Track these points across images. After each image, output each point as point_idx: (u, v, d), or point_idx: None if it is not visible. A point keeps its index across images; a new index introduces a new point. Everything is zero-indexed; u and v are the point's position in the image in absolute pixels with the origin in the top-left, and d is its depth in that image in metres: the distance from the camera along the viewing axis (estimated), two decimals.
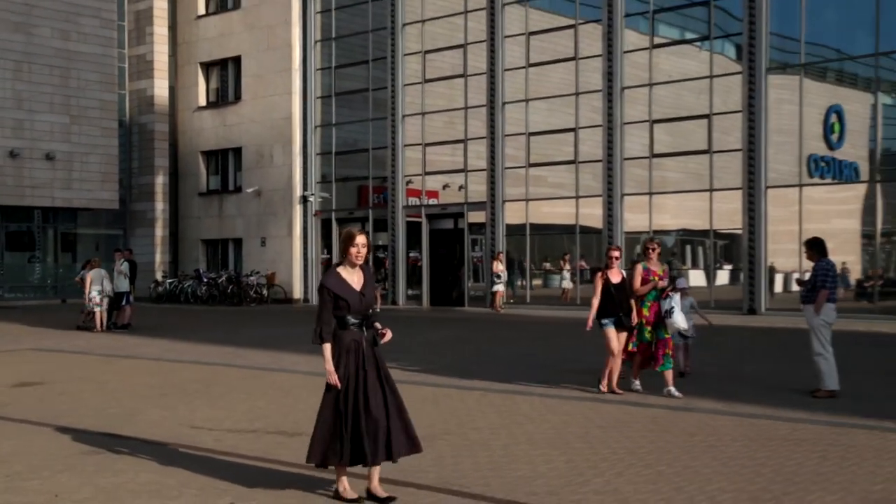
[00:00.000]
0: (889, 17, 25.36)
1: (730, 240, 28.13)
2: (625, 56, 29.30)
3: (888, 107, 26.24)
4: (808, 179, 26.82)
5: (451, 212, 33.20)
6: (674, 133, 28.91)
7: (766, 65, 26.93)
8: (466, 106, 32.61)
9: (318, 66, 36.73)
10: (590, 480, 7.90)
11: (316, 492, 7.58)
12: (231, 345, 20.34)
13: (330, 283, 7.05)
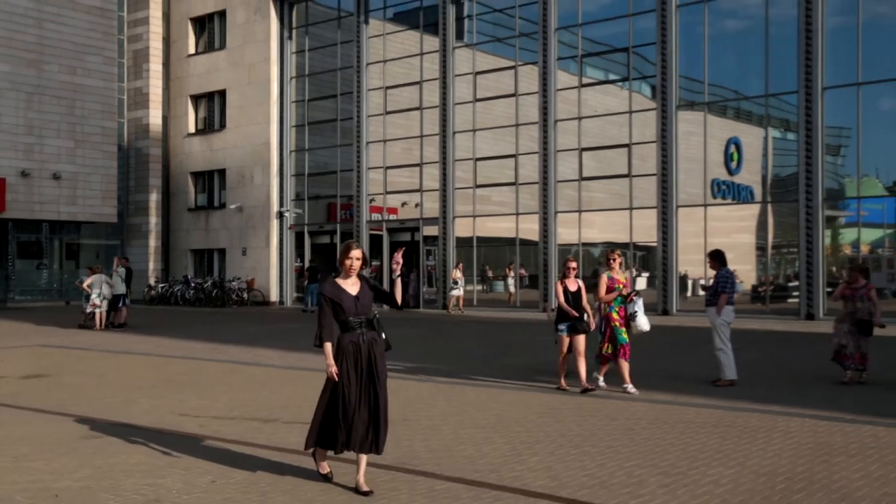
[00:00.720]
0: (776, 65, 25.83)
1: (647, 251, 28.32)
2: (557, 93, 29.54)
3: (777, 139, 26.63)
4: (712, 200, 27.15)
5: (409, 226, 33.33)
6: (599, 159, 29.13)
7: (676, 103, 27.27)
8: (422, 134, 32.75)
9: (293, 99, 36.73)
10: (526, 460, 8.13)
11: (285, 473, 7.71)
12: (215, 342, 20.37)
13: (327, 291, 7.03)
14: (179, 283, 37.71)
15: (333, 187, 35.57)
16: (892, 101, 24.98)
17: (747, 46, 27.18)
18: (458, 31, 32.48)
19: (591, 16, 29.68)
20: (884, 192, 25.53)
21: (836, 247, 25.93)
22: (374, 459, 8.22)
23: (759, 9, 26.41)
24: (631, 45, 28.66)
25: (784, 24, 25.83)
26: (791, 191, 25.79)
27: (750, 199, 27.30)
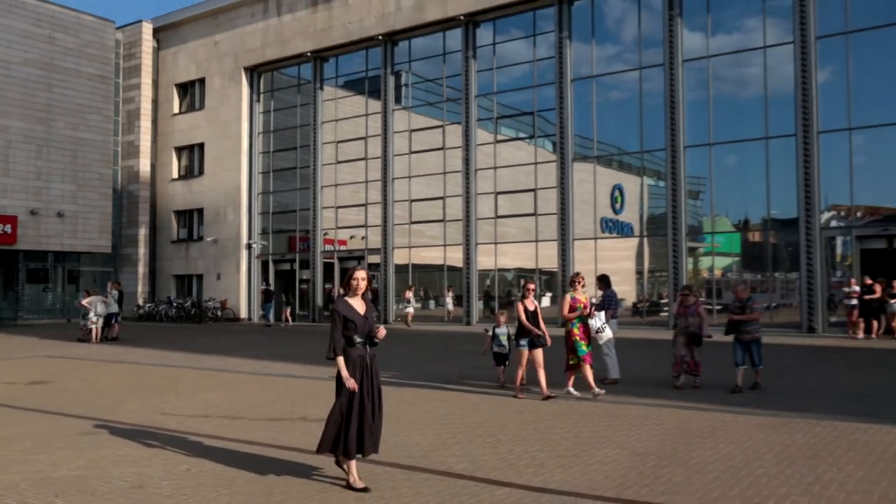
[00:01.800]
0: (649, 128, 26.32)
1: (550, 275, 28.47)
2: (477, 147, 29.82)
3: (651, 186, 27.05)
4: (601, 234, 27.44)
5: (356, 255, 33.18)
6: (511, 201, 29.33)
7: (572, 156, 27.67)
8: (367, 180, 32.74)
9: (260, 151, 36.54)
10: (450, 447, 8.24)
11: (250, 463, 7.71)
12: (192, 352, 20.11)
13: (340, 308, 6.69)
14: (164, 303, 37.13)
15: (293, 223, 35.34)
16: (735, 158, 25.59)
17: (626, 113, 27.54)
18: (397, 97, 32.68)
19: (504, 86, 30.04)
20: (731, 229, 26.03)
21: (696, 271, 26.42)
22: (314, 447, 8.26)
23: (635, 84, 26.98)
24: (536, 109, 29.09)
25: (654, 96, 26.33)
26: (661, 227, 26.21)
27: (631, 234, 27.68)
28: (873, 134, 23.27)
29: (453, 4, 29.90)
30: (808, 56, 23.63)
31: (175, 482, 6.98)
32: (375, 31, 31.94)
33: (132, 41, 39.86)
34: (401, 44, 32.33)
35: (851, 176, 23.43)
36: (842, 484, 6.66)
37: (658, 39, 26.26)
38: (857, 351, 18.20)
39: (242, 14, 36.54)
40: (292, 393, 12.54)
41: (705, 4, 25.74)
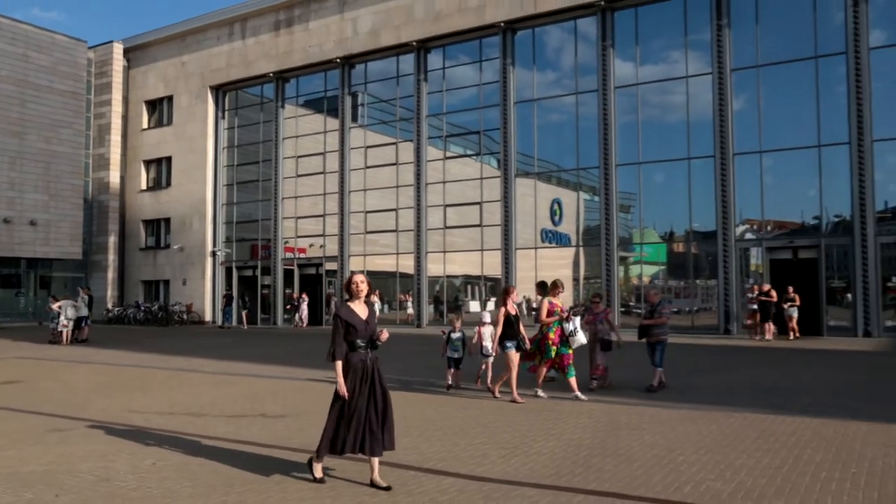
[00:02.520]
0: (584, 147, 26.65)
1: (494, 282, 28.57)
2: (428, 163, 29.88)
3: (587, 200, 27.29)
4: (541, 244, 27.71)
5: (314, 262, 33.01)
6: (458, 213, 29.42)
7: (515, 172, 27.91)
8: (325, 192, 32.57)
9: (224, 164, 36.15)
10: (401, 440, 8.15)
11: (213, 457, 7.66)
12: (159, 353, 19.76)
13: (342, 314, 6.40)
14: (132, 307, 36.50)
15: (255, 232, 35.01)
16: (661, 176, 26.00)
17: (564, 133, 27.82)
18: (354, 115, 32.65)
19: (452, 107, 30.14)
20: (658, 240, 26.40)
21: (627, 278, 26.72)
22: (285, 443, 8.22)
23: (572, 107, 27.29)
24: (482, 129, 29.26)
25: (589, 119, 26.67)
26: (595, 237, 26.53)
27: (568, 244, 27.88)
28: (781, 156, 23.89)
29: (406, 31, 29.98)
30: (724, 86, 24.22)
31: (140, 476, 6.87)
32: (334, 55, 31.88)
33: (104, 60, 39.23)
34: (357, 66, 32.29)
35: (762, 193, 24.04)
36: (751, 469, 6.84)
37: (593, 68, 26.63)
38: (765, 351, 18.59)
39: (209, 37, 36.18)
40: (253, 391, 12.42)
41: (634, 37, 26.20)
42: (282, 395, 11.82)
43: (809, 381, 12.92)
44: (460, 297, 29.85)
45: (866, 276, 22.19)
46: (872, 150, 22.33)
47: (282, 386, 12.97)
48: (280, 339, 25.50)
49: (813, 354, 17.43)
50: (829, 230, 23.28)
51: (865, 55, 22.50)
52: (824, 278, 22.92)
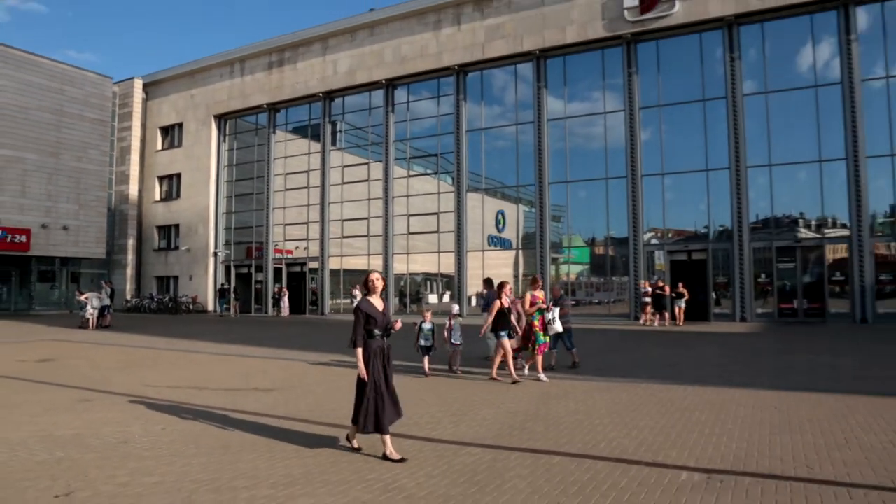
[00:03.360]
0: (523, 168, 26.71)
1: (449, 278, 28.57)
2: (394, 180, 29.80)
3: (525, 212, 27.34)
4: (488, 247, 27.71)
5: (299, 262, 32.67)
6: (421, 221, 29.31)
7: (466, 188, 27.95)
8: (308, 204, 32.21)
9: (224, 179, 35.52)
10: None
11: (212, 422, 7.57)
12: (169, 337, 19.45)
13: (363, 306, 6.15)
14: (147, 298, 35.67)
15: (250, 236, 34.47)
16: (585, 192, 26.13)
17: (506, 156, 27.81)
18: (333, 140, 32.34)
19: (415, 134, 30.08)
20: (583, 244, 26.56)
21: (557, 275, 26.91)
22: (270, 411, 8.14)
23: (513, 136, 27.41)
24: (439, 152, 29.24)
25: (527, 145, 26.78)
26: (532, 242, 26.67)
27: (510, 247, 27.94)
28: (678, 178, 24.33)
29: (378, 72, 29.87)
30: (634, 120, 24.62)
31: (152, 439, 6.78)
32: (317, 90, 31.61)
33: (126, 93, 38.39)
34: (337, 100, 32.06)
35: (664, 207, 24.47)
36: (651, 428, 6.98)
37: (530, 104, 26.81)
38: (663, 334, 18.92)
39: (213, 74, 35.62)
40: (246, 369, 12.27)
41: (563, 80, 26.45)
42: (271, 373, 11.70)
43: (698, 357, 13.20)
44: (421, 291, 29.79)
45: (742, 273, 22.75)
46: (747, 174, 22.91)
47: (271, 365, 12.84)
48: (269, 326, 25.20)
49: (702, 336, 17.81)
50: (715, 237, 23.78)
51: (740, 100, 23.09)
52: (711, 275, 23.42)
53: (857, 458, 5.84)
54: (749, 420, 7.33)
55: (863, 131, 21.36)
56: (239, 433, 6.99)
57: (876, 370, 10.95)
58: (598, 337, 17.68)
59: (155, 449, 6.41)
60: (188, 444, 6.58)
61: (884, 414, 7.46)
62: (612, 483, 5.24)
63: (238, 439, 6.74)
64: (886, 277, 21.39)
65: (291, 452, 6.26)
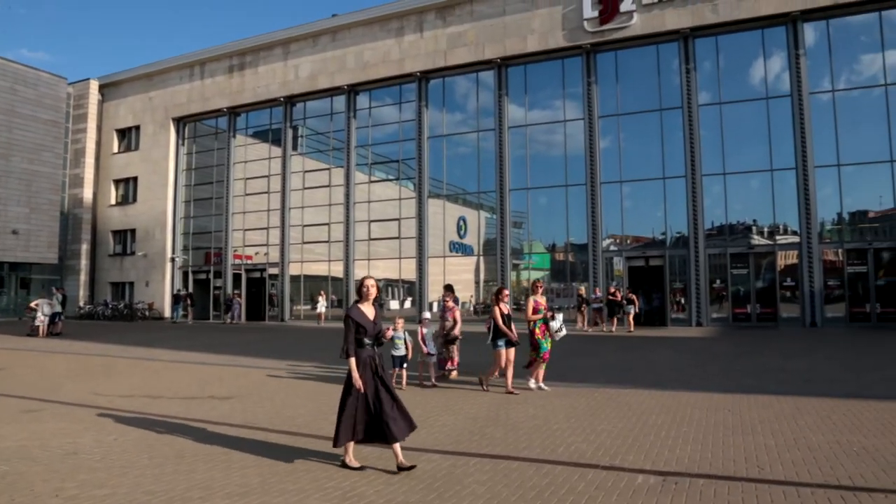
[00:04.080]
0: (484, 174, 26.85)
1: (411, 284, 28.50)
2: (356, 186, 29.63)
3: (487, 218, 27.45)
4: (449, 253, 27.74)
5: (259, 268, 32.18)
6: (381, 227, 29.17)
7: (427, 194, 27.93)
8: (268, 209, 31.80)
9: (183, 184, 34.84)
10: (328, 417, 8.07)
11: (166, 432, 7.41)
12: (123, 345, 18.95)
13: (353, 314, 5.84)
14: (101, 304, 34.75)
15: (209, 242, 33.85)
16: (545, 199, 26.41)
17: (468, 163, 27.95)
18: (294, 145, 32.04)
19: (377, 140, 29.98)
20: (543, 250, 26.84)
21: (518, 281, 27.09)
22: (226, 420, 7.97)
23: (475, 142, 27.58)
24: (401, 158, 29.20)
25: (489, 152, 26.98)
26: (493, 248, 26.78)
27: (472, 253, 28.01)
28: (636, 185, 24.75)
29: (339, 77, 29.73)
30: (593, 129, 24.97)
31: (104, 450, 6.58)
32: (278, 94, 31.30)
33: (81, 94, 37.34)
34: (298, 104, 31.79)
35: (622, 214, 24.85)
36: (609, 433, 7.05)
37: (491, 111, 26.97)
38: (620, 339, 19.17)
39: (173, 77, 34.96)
40: (202, 377, 12.03)
41: (524, 88, 26.71)
42: (228, 380, 11.49)
43: (655, 362, 13.40)
44: (382, 297, 29.63)
45: (698, 279, 23.22)
46: (702, 183, 23.43)
47: (228, 372, 12.61)
48: (228, 332, 24.78)
49: (659, 341, 18.09)
50: (672, 244, 24.23)
51: (696, 110, 23.64)
52: (668, 281, 23.86)
53: (805, 457, 5.99)
54: (704, 422, 7.46)
55: (811, 142, 22.05)
56: (194, 442, 6.84)
57: (824, 373, 11.27)
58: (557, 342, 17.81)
59: (106, 460, 6.22)
60: (141, 454, 6.40)
61: (830, 415, 7.68)
62: (570, 487, 5.27)
63: (193, 449, 6.58)
64: (834, 283, 22.07)
65: (248, 461, 6.14)
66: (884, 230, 21.96)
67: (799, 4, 22.13)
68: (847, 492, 5.06)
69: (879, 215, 22.11)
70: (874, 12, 21.94)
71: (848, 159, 21.88)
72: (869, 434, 6.76)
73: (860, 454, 6.05)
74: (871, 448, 6.24)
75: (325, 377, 11.67)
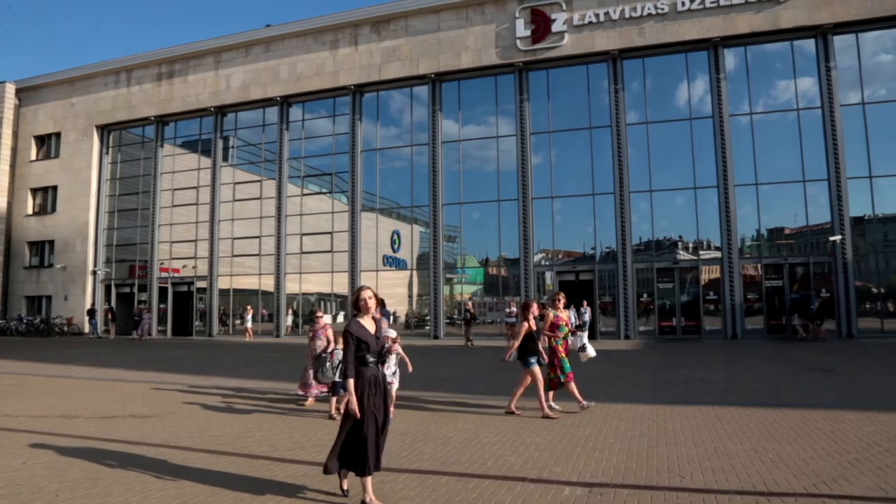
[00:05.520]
0: (417, 189, 26.93)
1: (343, 298, 28.14)
2: (287, 198, 29.20)
3: (421, 232, 27.46)
4: (383, 267, 27.64)
5: (186, 281, 31.22)
6: (313, 240, 28.81)
7: (360, 207, 27.79)
8: (197, 221, 30.90)
9: (107, 193, 33.49)
10: (254, 434, 7.93)
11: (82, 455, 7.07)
12: (38, 361, 17.98)
13: (352, 329, 5.25)
14: (14, 319, 32.84)
15: (134, 254, 32.58)
16: (478, 214, 26.60)
17: (401, 177, 27.86)
18: (225, 156, 31.30)
19: (310, 152, 29.62)
20: (476, 264, 27.06)
21: (451, 295, 27.18)
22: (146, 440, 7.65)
23: (408, 157, 27.61)
24: (334, 171, 28.93)
25: (422, 167, 27.05)
26: (426, 262, 26.82)
27: (405, 267, 27.92)
28: (567, 201, 25.28)
29: (272, 88, 29.30)
30: (525, 145, 25.43)
31: (9, 475, 6.19)
32: (209, 104, 30.57)
33: None
34: (229, 115, 31.13)
35: (553, 229, 25.34)
36: (538, 445, 7.12)
37: (425, 126, 27.10)
38: None
39: (97, 83, 33.66)
40: (123, 394, 11.53)
41: (458, 103, 26.98)
42: (149, 398, 11.05)
43: (583, 374, 13.61)
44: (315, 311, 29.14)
45: (626, 293, 23.87)
46: (630, 199, 24.17)
47: (150, 389, 12.13)
48: (152, 348, 23.87)
49: None
50: (601, 258, 24.84)
51: (623, 129, 24.42)
52: (598, 295, 24.42)
53: (723, 465, 6.20)
54: (629, 433, 7.63)
55: (731, 162, 23.10)
56: (111, 464, 6.52)
57: (743, 383, 11.73)
58: (489, 356, 17.94)
59: (11, 486, 5.86)
60: (51, 478, 6.06)
61: (748, 423, 7.98)
62: (498, 500, 5.29)
63: (109, 471, 6.28)
64: (753, 296, 23.09)
65: (167, 483, 5.89)
66: (798, 246, 23.16)
67: (719, 31, 23.24)
68: (762, 497, 5.27)
69: (794, 232, 23.31)
70: (787, 41, 23.27)
71: (765, 179, 23.03)
72: (783, 441, 7.07)
73: (774, 461, 6.31)
74: (784, 455, 6.52)
75: (253, 394, 11.36)
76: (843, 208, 22.10)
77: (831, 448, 6.74)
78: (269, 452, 7.00)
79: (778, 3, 22.71)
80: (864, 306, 22.39)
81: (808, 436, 7.29)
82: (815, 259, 22.61)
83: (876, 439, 7.08)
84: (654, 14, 23.86)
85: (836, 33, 22.71)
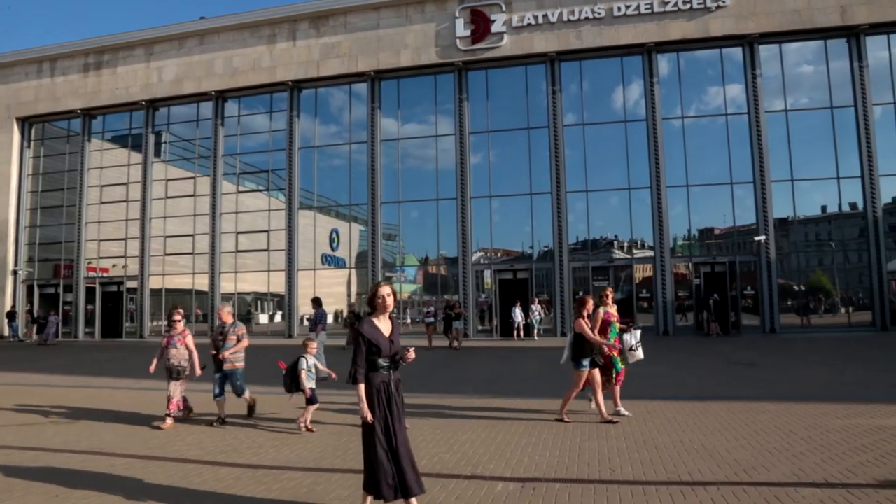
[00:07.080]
0: (356, 187, 26.74)
1: (280, 298, 27.74)
2: (223, 196, 28.50)
3: (360, 230, 27.39)
4: (321, 266, 27.36)
5: (116, 281, 30.08)
6: (249, 239, 28.22)
7: (298, 205, 27.38)
8: (127, 218, 29.79)
9: (29, 190, 31.91)
10: (185, 438, 7.72)
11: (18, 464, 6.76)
12: None
13: (365, 330, 4.71)
14: None
15: (59, 253, 31.18)
16: (417, 212, 26.63)
17: (340, 175, 27.60)
18: (157, 151, 30.32)
19: (246, 148, 29.01)
20: (416, 263, 27.08)
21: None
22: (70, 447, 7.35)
23: (347, 154, 27.40)
24: (270, 168, 28.42)
25: (361, 165, 26.84)
26: (365, 261, 26.64)
27: (344, 266, 27.70)
28: (505, 200, 25.59)
29: (207, 82, 28.55)
30: (464, 145, 25.58)
31: None
32: (139, 98, 29.53)
33: None
34: (161, 109, 30.16)
35: (491, 228, 25.59)
36: (472, 442, 7.19)
37: (364, 124, 26.91)
38: (491, 350, 19.68)
39: (17, 72, 32.03)
40: (47, 399, 11.03)
41: (397, 101, 26.92)
42: (74, 403, 10.61)
43: (520, 372, 13.85)
44: (252, 312, 28.63)
45: (563, 291, 24.33)
46: (566, 199, 24.64)
47: (76, 394, 11.66)
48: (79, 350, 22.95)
49: (525, 351, 18.72)
50: (538, 257, 25.23)
51: (561, 130, 24.87)
52: (534, 293, 24.79)
53: (652, 457, 6.40)
54: (562, 429, 7.79)
55: (664, 164, 23.83)
56: (29, 473, 6.24)
57: (674, 377, 12.12)
58: (430, 354, 17.98)
59: None
60: None
61: (676, 416, 8.26)
62: (431, 498, 5.31)
63: (26, 481, 6.00)
64: (683, 294, 23.90)
65: (91, 493, 5.67)
66: (727, 246, 24.09)
67: (654, 36, 23.92)
68: (686, 487, 5.46)
69: (723, 232, 24.25)
70: (717, 49, 24.17)
71: (696, 181, 23.86)
72: (708, 433, 7.34)
73: (699, 451, 6.56)
74: (710, 446, 6.77)
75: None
76: (768, 210, 23.12)
77: (752, 438, 7.05)
78: (198, 455, 6.85)
79: (708, 12, 23.57)
80: (785, 303, 23.49)
81: (732, 427, 7.61)
82: (741, 258, 23.57)
83: (793, 428, 7.44)
84: (591, 18, 24.38)
85: (761, 43, 23.73)
